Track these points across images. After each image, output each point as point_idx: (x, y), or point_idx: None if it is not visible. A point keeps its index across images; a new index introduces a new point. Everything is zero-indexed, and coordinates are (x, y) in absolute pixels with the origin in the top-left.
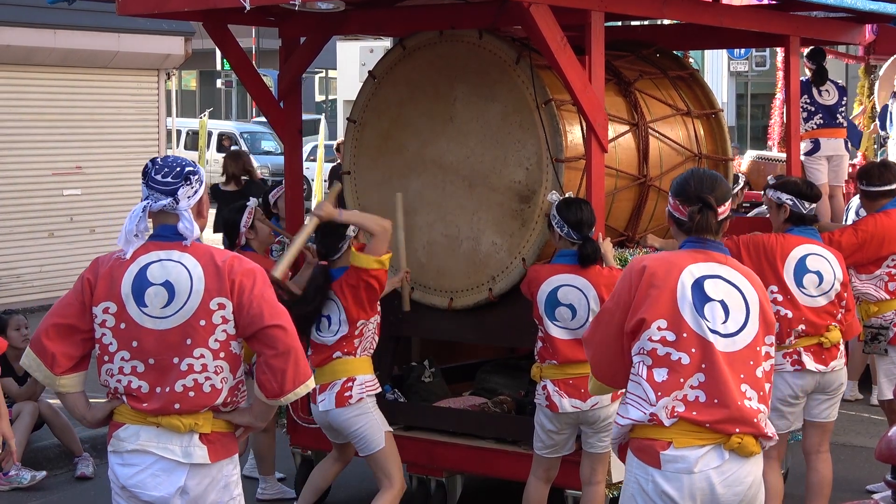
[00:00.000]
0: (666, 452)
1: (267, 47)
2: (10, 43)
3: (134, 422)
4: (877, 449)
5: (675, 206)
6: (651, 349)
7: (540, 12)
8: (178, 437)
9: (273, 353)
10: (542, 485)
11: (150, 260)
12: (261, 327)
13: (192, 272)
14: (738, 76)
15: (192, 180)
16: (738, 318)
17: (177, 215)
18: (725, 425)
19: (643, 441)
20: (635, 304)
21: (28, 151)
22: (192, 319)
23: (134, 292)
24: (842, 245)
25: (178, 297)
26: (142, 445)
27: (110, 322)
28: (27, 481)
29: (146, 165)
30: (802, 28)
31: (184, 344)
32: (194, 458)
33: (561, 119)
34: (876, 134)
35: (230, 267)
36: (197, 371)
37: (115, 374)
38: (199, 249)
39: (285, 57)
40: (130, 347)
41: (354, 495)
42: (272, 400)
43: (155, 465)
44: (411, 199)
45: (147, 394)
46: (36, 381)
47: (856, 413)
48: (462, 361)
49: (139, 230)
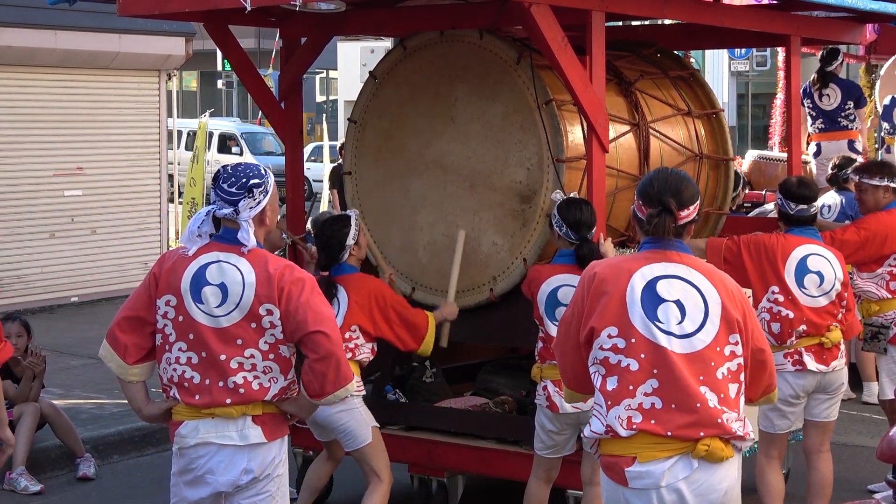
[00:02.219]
0: (630, 469)
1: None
2: (10, 44)
3: (191, 417)
4: (878, 448)
5: (638, 205)
6: (603, 358)
7: (540, 12)
8: (233, 422)
9: (316, 358)
10: (543, 485)
11: (210, 260)
12: (305, 333)
13: (246, 278)
14: (739, 76)
15: (256, 193)
16: (695, 317)
17: (237, 222)
18: (688, 430)
19: (609, 458)
20: (587, 312)
21: (29, 152)
22: (242, 321)
23: (192, 288)
24: (843, 243)
25: (231, 299)
26: (202, 438)
27: (171, 314)
28: (20, 488)
29: (218, 171)
30: (803, 28)
31: (234, 343)
32: (251, 438)
33: (562, 119)
34: (877, 132)
35: (281, 275)
36: (246, 370)
37: (171, 363)
38: (257, 256)
39: (286, 57)
40: (187, 339)
41: (355, 495)
42: (315, 399)
43: (219, 452)
44: (412, 200)
45: (198, 385)
46: (31, 382)
47: (857, 413)
48: (463, 362)
49: (202, 231)
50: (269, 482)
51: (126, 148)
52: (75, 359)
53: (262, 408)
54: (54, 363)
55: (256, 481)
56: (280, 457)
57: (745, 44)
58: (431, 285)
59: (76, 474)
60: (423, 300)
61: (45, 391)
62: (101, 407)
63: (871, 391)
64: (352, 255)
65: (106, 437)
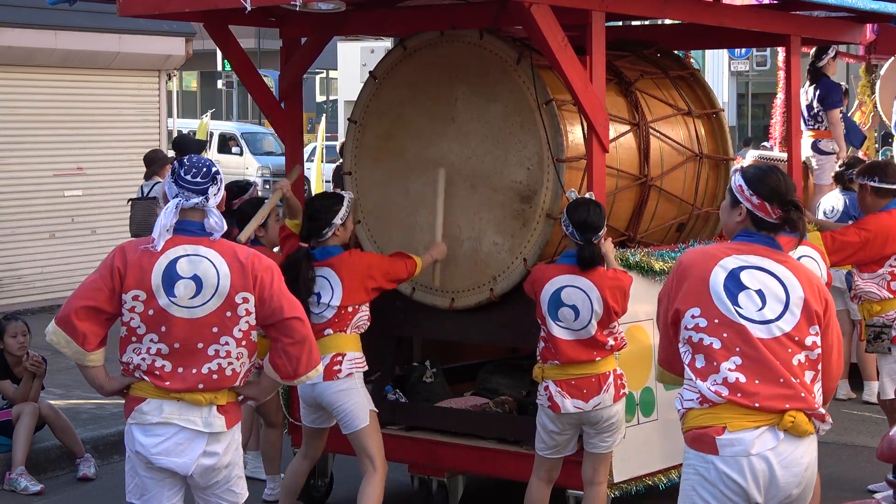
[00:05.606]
0: (721, 437)
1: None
2: (10, 44)
3: (156, 396)
4: (878, 448)
5: (759, 204)
6: (688, 337)
7: (541, 12)
8: (198, 409)
9: (291, 342)
10: (544, 485)
11: (179, 254)
12: (281, 319)
13: (219, 268)
14: (739, 76)
15: (218, 180)
16: (774, 307)
17: (203, 212)
18: (774, 402)
19: (697, 430)
20: (672, 295)
21: (29, 152)
22: (218, 311)
23: (164, 283)
24: (844, 244)
25: (206, 290)
26: (166, 418)
27: (139, 308)
28: (20, 488)
29: (173, 165)
30: (803, 28)
31: (210, 332)
32: (214, 427)
33: (562, 119)
34: (877, 132)
35: (252, 264)
36: (222, 356)
37: (141, 353)
38: (224, 245)
39: (286, 57)
40: (159, 332)
41: (355, 495)
42: (286, 381)
43: (178, 434)
44: (412, 200)
45: (169, 373)
46: (31, 382)
47: (857, 413)
48: (464, 362)
49: (171, 225)
50: (233, 468)
51: (126, 148)
52: None
53: (226, 397)
54: (54, 363)
55: (221, 470)
56: (236, 441)
57: (745, 44)
58: (431, 285)
59: (76, 474)
60: (423, 300)
61: (45, 391)
62: (101, 407)
63: (871, 391)
64: (336, 236)
65: (106, 437)
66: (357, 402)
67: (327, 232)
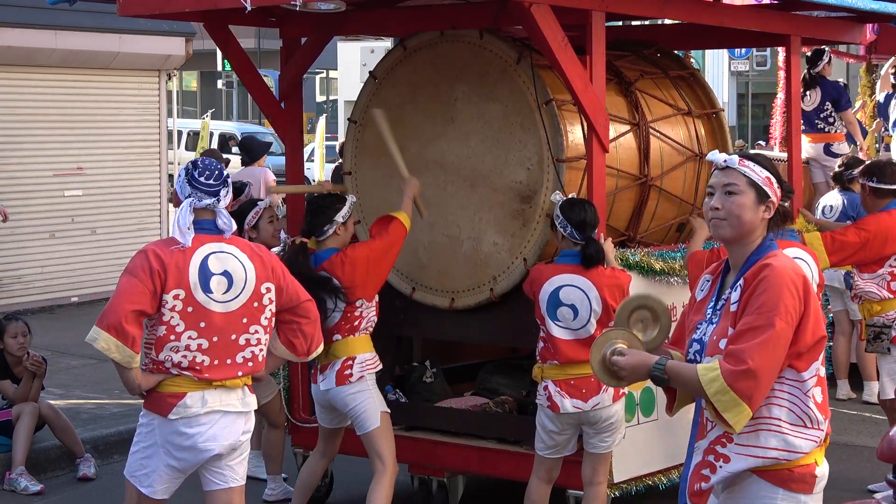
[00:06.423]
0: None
1: (268, 48)
2: (10, 44)
3: (196, 389)
4: (878, 448)
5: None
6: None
7: (541, 12)
8: (235, 392)
9: (307, 322)
10: (544, 485)
11: (208, 251)
12: (299, 302)
13: (244, 263)
14: (739, 76)
15: (228, 183)
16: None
17: (213, 212)
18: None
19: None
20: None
21: (29, 152)
22: (248, 302)
23: (201, 280)
24: (844, 245)
25: (236, 284)
26: (210, 407)
27: (179, 307)
28: (20, 488)
29: (187, 166)
30: (803, 28)
31: (241, 323)
32: (251, 405)
33: (562, 119)
34: (878, 132)
35: (267, 255)
36: (253, 344)
37: (180, 350)
38: (240, 241)
39: (286, 57)
40: (198, 328)
41: (355, 495)
42: (301, 358)
43: (222, 419)
44: None
45: (208, 367)
46: (31, 382)
47: (857, 413)
48: (463, 361)
49: (190, 223)
50: (247, 444)
51: (126, 148)
52: (75, 359)
53: (249, 377)
54: (54, 363)
55: (243, 444)
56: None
57: (745, 44)
58: (432, 285)
59: (76, 474)
60: (423, 300)
61: (45, 391)
62: (101, 407)
63: (871, 391)
64: (336, 235)
65: (106, 437)
66: (369, 405)
67: (329, 229)
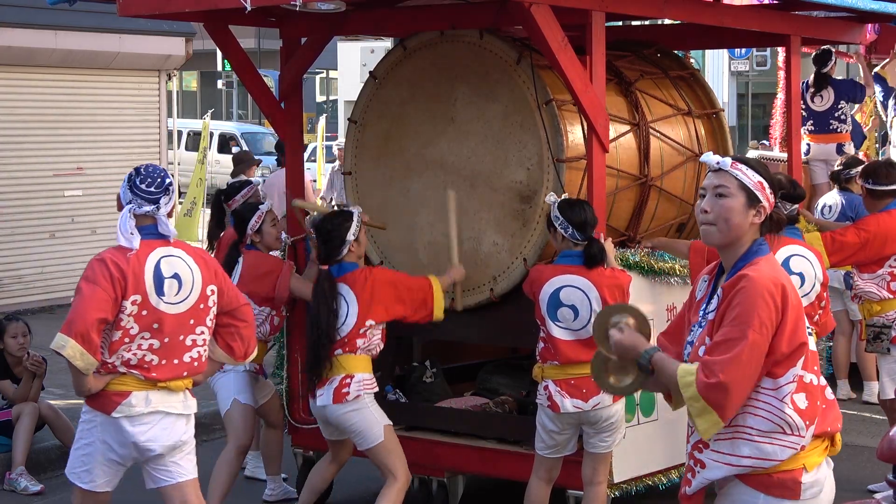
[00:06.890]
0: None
1: (268, 48)
2: (10, 44)
3: (141, 388)
4: (878, 448)
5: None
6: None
7: (541, 12)
8: (176, 394)
9: (245, 325)
10: (544, 485)
11: (159, 256)
12: (238, 305)
13: (191, 265)
14: (739, 76)
15: (170, 191)
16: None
17: (153, 218)
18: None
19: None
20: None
21: (29, 152)
22: (196, 304)
23: (155, 285)
24: (844, 245)
25: (185, 286)
26: (153, 407)
27: (134, 311)
28: (20, 488)
29: (130, 173)
30: (803, 28)
31: (189, 324)
32: (192, 408)
33: (562, 119)
34: (878, 132)
35: (209, 258)
36: (199, 345)
37: (132, 350)
38: (184, 245)
39: (286, 57)
40: (151, 329)
41: (355, 495)
42: (238, 361)
43: (163, 420)
44: (412, 200)
45: (156, 366)
46: (31, 382)
47: (857, 412)
48: (463, 362)
49: (133, 229)
50: (191, 443)
51: (126, 148)
52: None
53: (191, 381)
54: (54, 363)
55: (185, 444)
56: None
57: (745, 44)
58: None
59: None
60: None
61: (45, 391)
62: None
63: (871, 391)
64: (351, 252)
65: None
66: (368, 421)
67: (343, 249)
